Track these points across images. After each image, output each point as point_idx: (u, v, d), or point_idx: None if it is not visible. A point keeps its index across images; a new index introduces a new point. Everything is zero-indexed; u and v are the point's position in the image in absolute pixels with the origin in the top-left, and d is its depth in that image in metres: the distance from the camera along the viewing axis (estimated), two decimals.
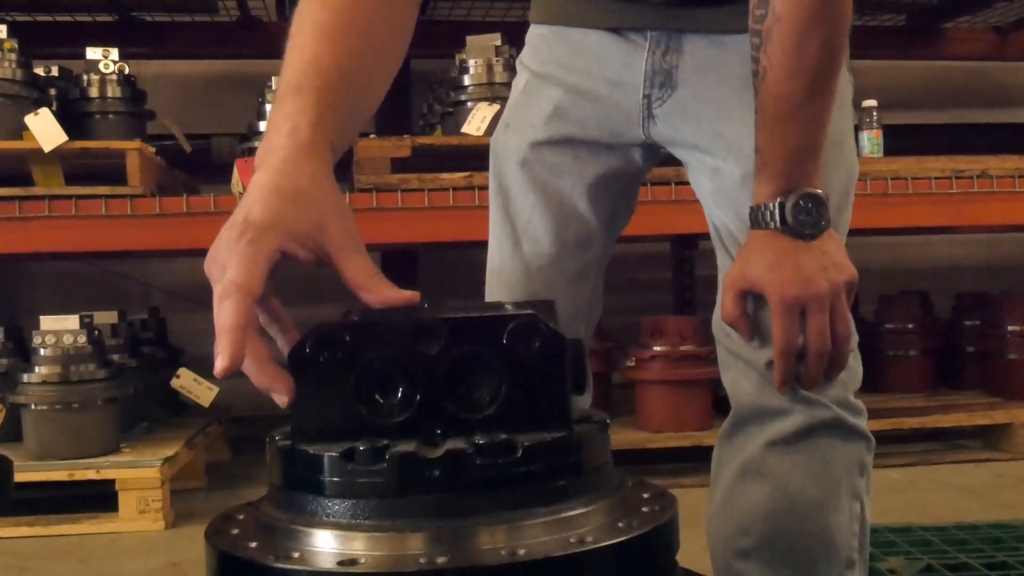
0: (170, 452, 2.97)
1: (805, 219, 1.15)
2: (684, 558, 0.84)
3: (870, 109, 3.40)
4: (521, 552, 0.72)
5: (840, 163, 1.25)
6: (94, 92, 3.25)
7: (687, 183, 1.36)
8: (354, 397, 0.79)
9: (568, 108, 1.33)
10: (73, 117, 3.18)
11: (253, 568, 0.74)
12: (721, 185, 1.26)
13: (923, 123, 4.52)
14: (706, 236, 1.34)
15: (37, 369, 2.88)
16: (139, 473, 2.84)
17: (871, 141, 3.36)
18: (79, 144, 3.03)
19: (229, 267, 0.83)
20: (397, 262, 4.05)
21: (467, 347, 0.79)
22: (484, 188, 1.48)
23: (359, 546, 0.73)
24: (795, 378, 1.20)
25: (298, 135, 0.90)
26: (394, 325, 0.81)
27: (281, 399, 0.81)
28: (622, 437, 3.20)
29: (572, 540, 0.74)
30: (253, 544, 0.77)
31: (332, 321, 0.80)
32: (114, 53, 3.30)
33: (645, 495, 0.86)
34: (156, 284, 4.22)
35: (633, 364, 3.33)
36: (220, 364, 0.80)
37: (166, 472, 2.88)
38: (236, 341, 0.80)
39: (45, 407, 2.87)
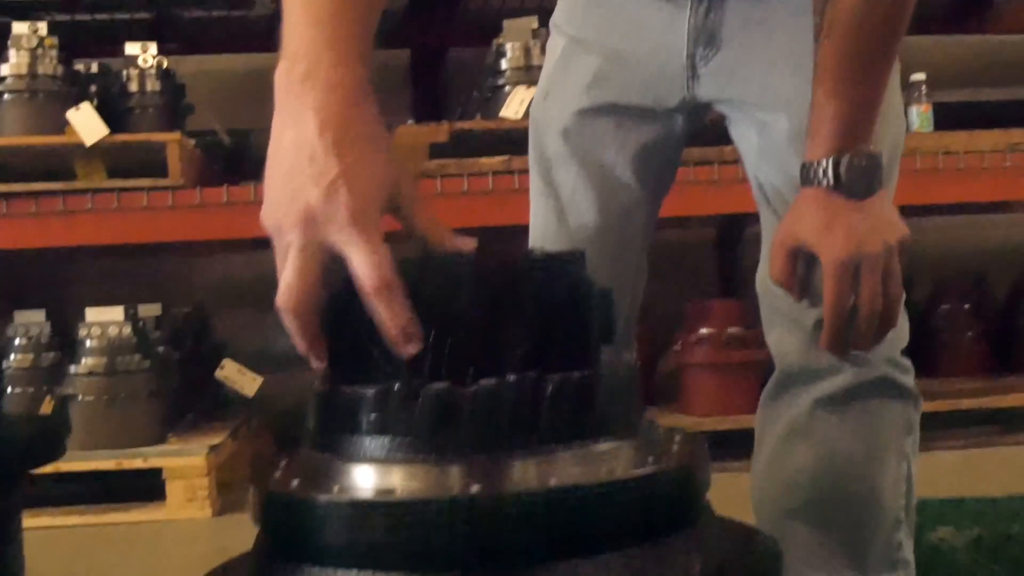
0: (216, 441, 3.05)
1: (860, 178, 1.15)
2: None
3: (918, 83, 3.38)
4: (551, 482, 0.76)
5: (890, 122, 1.27)
6: (133, 87, 3.34)
7: (731, 163, 1.38)
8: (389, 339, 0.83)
9: (609, 74, 1.35)
10: (113, 112, 3.26)
11: (296, 504, 0.79)
12: (769, 140, 1.28)
13: (975, 100, 4.48)
14: (753, 222, 1.35)
15: (83, 360, 2.97)
16: (186, 461, 2.92)
17: (920, 116, 3.35)
18: (120, 137, 3.11)
19: (359, 253, 0.82)
20: None
21: (498, 290, 0.83)
22: (524, 172, 1.51)
23: (396, 479, 0.78)
24: (844, 338, 1.22)
25: (356, 67, 0.88)
26: (427, 270, 0.85)
27: (318, 364, 0.87)
28: (669, 423, 3.21)
29: (601, 472, 0.78)
30: (295, 483, 0.82)
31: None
32: (152, 48, 3.38)
33: (676, 437, 0.90)
34: (198, 281, 4.30)
35: (679, 349, 3.36)
36: (413, 349, 0.81)
37: (212, 461, 2.95)
38: (412, 323, 0.81)
39: (92, 398, 2.96)
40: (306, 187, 0.84)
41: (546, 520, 0.74)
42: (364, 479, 0.79)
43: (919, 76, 3.40)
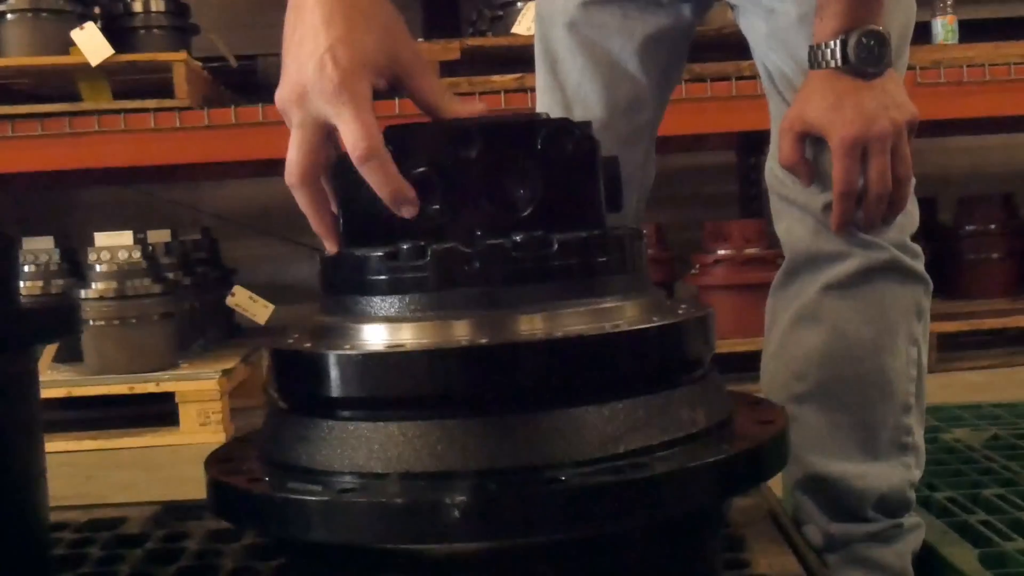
0: (228, 366, 3.12)
1: (867, 57, 1.19)
2: None
3: None
4: (556, 334, 0.80)
5: (899, 3, 1.29)
6: (138, 7, 3.37)
7: (749, 78, 1.40)
8: None
9: None
10: (118, 33, 3.29)
11: (309, 360, 0.84)
12: (776, 26, 1.30)
13: (1001, 17, 4.44)
14: None
15: (94, 285, 3.03)
16: (198, 385, 2.99)
17: (945, 27, 3.34)
18: (125, 57, 3.15)
19: (346, 122, 0.86)
20: None
21: (503, 151, 0.87)
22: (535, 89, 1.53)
23: (406, 335, 0.82)
24: (853, 220, 1.25)
25: None
26: (433, 132, 0.89)
27: (331, 247, 0.91)
28: None
29: (604, 326, 0.82)
30: (308, 344, 0.86)
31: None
32: None
33: (682, 304, 0.93)
34: (207, 209, 4.35)
35: (697, 270, 3.38)
36: (410, 211, 0.85)
37: (225, 384, 3.02)
38: (405, 187, 0.85)
39: (103, 322, 3.02)
40: (301, 63, 0.89)
41: (550, 369, 0.78)
42: (374, 336, 0.83)
43: None
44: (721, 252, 3.33)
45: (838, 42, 1.19)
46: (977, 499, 1.64)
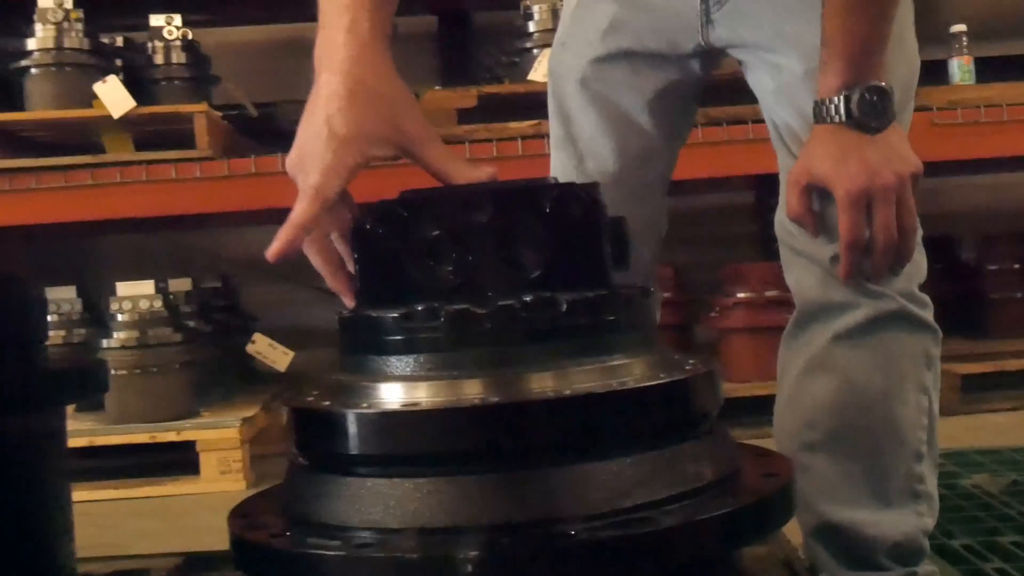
0: (249, 414, 3.16)
1: (871, 112, 1.23)
2: None
3: (959, 35, 3.40)
4: (565, 392, 0.84)
5: (902, 57, 1.34)
6: (159, 59, 3.45)
7: (764, 121, 1.44)
8: (411, 266, 0.92)
9: (624, 21, 1.43)
10: (140, 85, 3.37)
11: (327, 418, 0.88)
12: (782, 82, 1.35)
13: (1018, 54, 4.48)
14: None
15: (115, 334, 3.08)
16: (219, 434, 3.02)
17: (961, 68, 3.37)
18: (147, 110, 3.23)
19: (311, 172, 0.98)
20: None
21: (513, 215, 0.91)
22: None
23: (421, 394, 0.87)
24: (860, 271, 1.29)
25: (359, 29, 1.02)
26: (445, 198, 0.94)
27: (348, 301, 0.98)
28: None
29: (612, 383, 0.86)
30: (326, 402, 0.91)
31: (389, 199, 0.93)
32: (177, 19, 3.49)
33: (689, 359, 0.97)
34: (226, 256, 4.41)
35: (716, 313, 3.41)
36: (273, 248, 0.96)
37: (245, 432, 3.06)
38: (296, 235, 0.97)
39: (124, 372, 3.07)
40: (306, 132, 1.01)
41: (560, 426, 0.83)
42: (390, 395, 0.88)
43: (960, 28, 3.42)
44: (740, 295, 3.36)
45: (842, 98, 1.23)
46: (994, 546, 1.66)
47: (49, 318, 3.31)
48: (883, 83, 1.24)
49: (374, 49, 1.03)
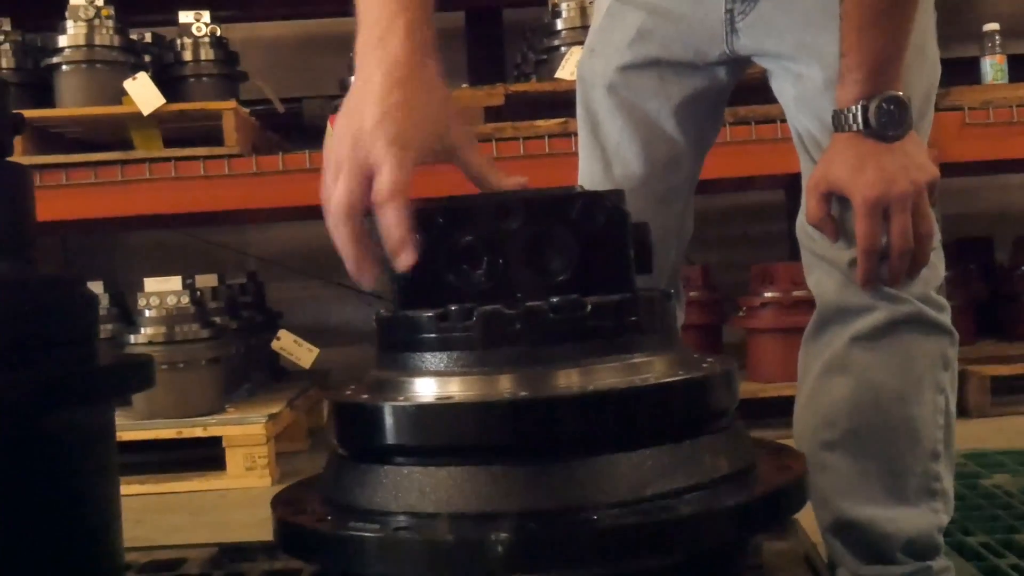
0: (274, 410, 3.26)
1: (888, 121, 1.30)
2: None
3: (992, 33, 3.45)
4: (590, 387, 0.92)
5: (922, 67, 1.41)
6: (188, 56, 3.56)
7: None
8: (446, 270, 1.01)
9: (652, 30, 1.50)
10: (168, 82, 3.48)
11: (367, 412, 0.97)
12: (804, 91, 1.43)
13: None
14: None
15: (143, 330, 3.18)
16: (245, 430, 3.12)
17: (994, 67, 3.42)
18: (176, 106, 3.33)
19: (385, 169, 1.00)
20: None
21: (541, 222, 1.00)
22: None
23: (454, 389, 0.95)
24: (878, 276, 1.37)
25: (415, 35, 1.07)
26: (479, 206, 1.02)
27: (367, 284, 1.04)
28: None
29: (634, 380, 0.94)
30: (365, 396, 1.00)
31: (426, 206, 1.02)
32: (206, 16, 3.60)
33: (708, 359, 1.06)
34: (252, 252, 4.52)
35: (744, 313, 3.48)
36: (406, 260, 0.99)
37: (271, 429, 3.16)
38: (411, 238, 0.99)
39: None
40: (363, 115, 1.04)
41: (585, 420, 0.91)
42: (425, 389, 0.97)
43: (992, 26, 3.47)
44: (768, 295, 3.41)
45: (859, 107, 1.30)
46: (1011, 544, 1.73)
47: None
48: (900, 93, 1.31)
49: (429, 53, 1.08)
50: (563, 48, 3.43)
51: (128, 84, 3.26)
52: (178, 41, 3.59)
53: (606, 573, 0.88)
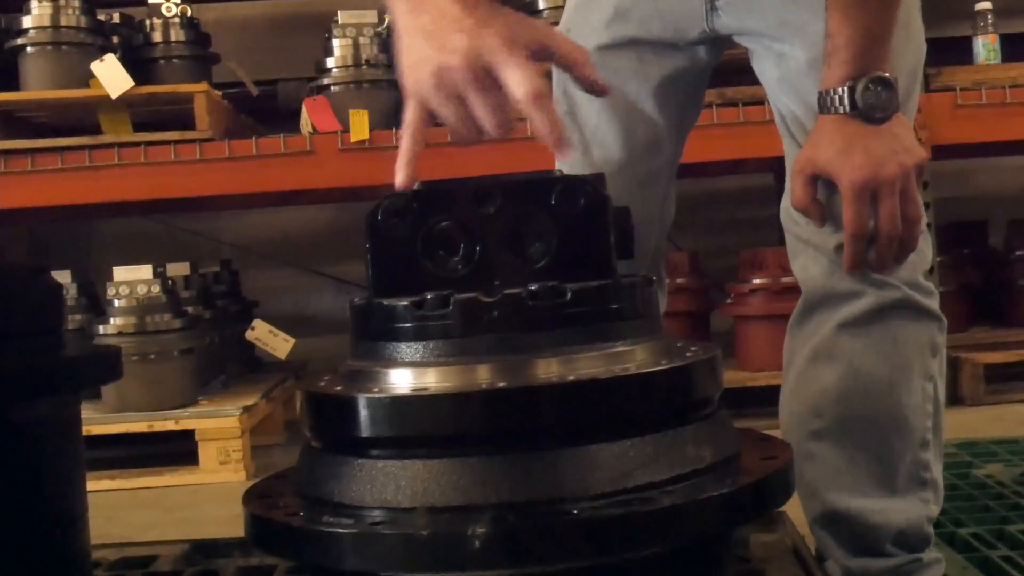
0: (249, 402, 3.25)
1: (875, 103, 1.31)
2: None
3: (984, 12, 3.46)
4: (568, 377, 0.92)
5: (908, 46, 1.41)
6: (157, 37, 3.53)
7: None
8: (422, 256, 1.01)
9: (629, 8, 1.50)
10: (138, 64, 3.45)
11: (341, 403, 0.97)
12: (787, 71, 1.43)
13: None
14: None
15: (112, 320, 3.16)
16: (219, 423, 3.10)
17: (986, 47, 3.43)
18: (146, 89, 3.31)
19: (525, 77, 1.02)
20: None
21: (520, 207, 1.00)
22: None
23: (430, 379, 0.95)
24: (865, 261, 1.37)
25: None
26: (455, 190, 1.02)
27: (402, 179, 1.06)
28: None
29: (615, 369, 0.94)
30: (339, 387, 1.00)
31: (401, 191, 1.02)
32: None
33: (691, 346, 1.06)
34: (226, 239, 4.50)
35: (732, 300, 3.48)
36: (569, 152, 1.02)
37: (245, 422, 3.15)
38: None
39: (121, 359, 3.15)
40: (452, 37, 1.04)
41: (564, 410, 0.91)
42: (401, 380, 0.96)
43: (985, 5, 3.48)
44: (756, 281, 3.42)
45: (846, 88, 1.31)
46: (1002, 535, 1.74)
47: None
48: (887, 74, 1.31)
49: None
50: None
51: (96, 66, 3.23)
52: (147, 22, 3.56)
53: (587, 567, 0.88)
